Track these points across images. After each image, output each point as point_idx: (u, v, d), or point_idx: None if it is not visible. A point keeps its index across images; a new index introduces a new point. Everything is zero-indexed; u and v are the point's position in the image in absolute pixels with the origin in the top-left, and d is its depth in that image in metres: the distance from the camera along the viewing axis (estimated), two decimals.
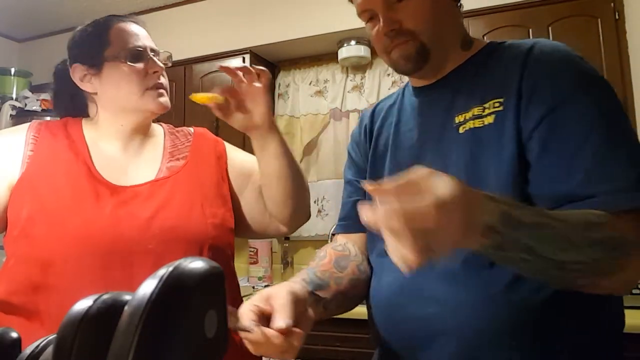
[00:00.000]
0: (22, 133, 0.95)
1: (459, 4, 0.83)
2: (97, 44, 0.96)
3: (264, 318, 0.64)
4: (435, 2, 0.78)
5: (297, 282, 0.76)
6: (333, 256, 0.89)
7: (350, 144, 1.02)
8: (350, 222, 0.95)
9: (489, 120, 0.73)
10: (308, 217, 1.09)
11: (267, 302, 0.66)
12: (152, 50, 1.00)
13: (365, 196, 0.92)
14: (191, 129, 1.11)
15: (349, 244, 0.92)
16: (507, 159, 0.70)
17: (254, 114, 0.92)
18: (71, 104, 1.03)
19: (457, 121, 0.77)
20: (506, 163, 0.70)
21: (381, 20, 0.78)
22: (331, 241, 2.76)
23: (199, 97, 0.90)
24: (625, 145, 0.66)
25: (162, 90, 0.98)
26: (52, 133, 0.96)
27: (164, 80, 0.99)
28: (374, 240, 0.88)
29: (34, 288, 0.85)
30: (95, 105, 1.00)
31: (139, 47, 0.97)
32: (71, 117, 1.03)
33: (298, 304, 0.67)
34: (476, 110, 0.75)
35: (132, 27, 1.00)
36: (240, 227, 1.05)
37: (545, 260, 0.57)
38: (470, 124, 0.75)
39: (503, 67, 0.76)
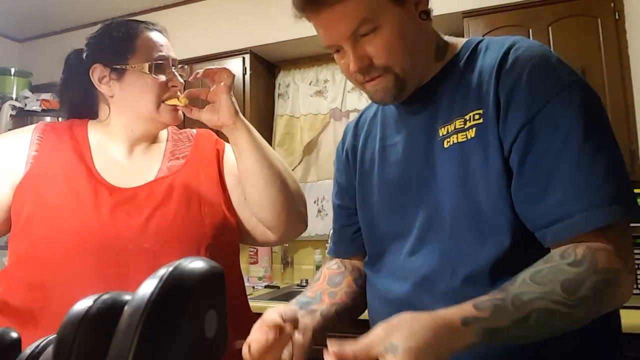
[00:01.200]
0: (27, 134, 0.97)
1: (425, 14, 0.77)
2: (123, 49, 0.97)
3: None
4: (402, 30, 0.73)
5: (283, 306, 0.79)
6: (327, 275, 0.92)
7: (335, 164, 1.00)
8: (341, 247, 0.97)
9: (471, 134, 0.71)
10: (302, 225, 1.05)
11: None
12: (174, 61, 1.01)
13: (351, 221, 0.93)
14: (194, 131, 1.12)
15: (346, 262, 0.95)
16: (494, 175, 0.69)
17: (219, 111, 0.94)
18: (79, 99, 1.02)
19: (441, 134, 0.75)
20: (494, 179, 0.69)
21: (351, 57, 0.73)
22: (330, 242, 2.76)
23: (171, 102, 0.98)
24: (601, 156, 0.64)
25: (177, 106, 0.99)
26: (57, 134, 0.97)
27: (179, 95, 1.00)
28: (373, 255, 0.87)
29: (31, 287, 0.86)
30: (108, 108, 1.00)
31: (163, 58, 0.98)
32: (75, 113, 1.03)
33: (288, 318, 0.73)
34: (458, 123, 0.73)
35: (158, 37, 1.00)
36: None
37: (540, 334, 0.60)
38: (454, 138, 0.73)
39: (479, 75, 0.73)
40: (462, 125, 0.73)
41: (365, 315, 0.91)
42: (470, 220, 0.71)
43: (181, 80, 1.00)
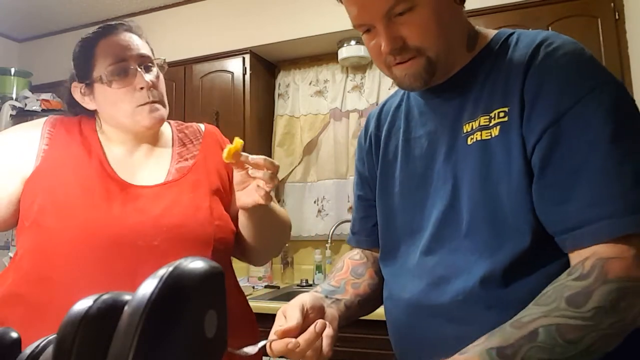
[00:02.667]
0: (38, 128, 0.97)
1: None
2: (85, 63, 0.96)
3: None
4: (439, 11, 0.70)
5: (309, 293, 0.80)
6: (350, 265, 0.92)
7: (356, 154, 0.98)
8: (362, 237, 0.96)
9: (495, 132, 0.69)
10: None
11: (282, 317, 0.73)
12: (142, 58, 0.97)
13: (371, 212, 0.92)
14: (202, 126, 1.11)
15: (367, 252, 0.95)
16: (516, 175, 0.67)
17: (256, 195, 0.87)
18: (84, 112, 1.03)
19: (465, 130, 0.74)
20: (516, 179, 0.67)
21: (383, 37, 0.71)
22: (330, 242, 2.76)
23: (227, 153, 0.82)
24: (631, 161, 0.60)
25: (154, 105, 0.96)
26: (67, 129, 0.98)
27: (154, 93, 0.96)
28: (387, 248, 0.87)
29: (40, 279, 0.86)
30: (99, 119, 1.02)
31: (123, 61, 0.94)
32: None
33: (313, 305, 0.74)
34: (482, 120, 0.71)
35: (119, 38, 0.97)
36: None
37: (570, 353, 0.57)
38: (477, 135, 0.71)
39: (507, 71, 0.71)
40: (487, 123, 0.71)
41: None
42: (488, 221, 0.69)
43: (146, 80, 0.94)
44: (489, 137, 0.70)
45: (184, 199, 0.94)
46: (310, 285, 2.67)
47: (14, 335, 0.36)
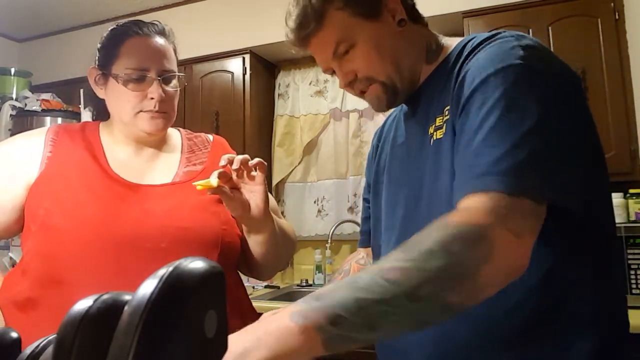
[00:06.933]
0: (41, 135, 0.98)
1: (404, 21, 0.80)
2: (108, 54, 0.96)
3: None
4: (378, 42, 0.78)
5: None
6: (356, 270, 0.95)
7: (367, 161, 1.06)
8: (365, 236, 1.01)
9: (444, 130, 0.74)
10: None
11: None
12: (164, 71, 0.97)
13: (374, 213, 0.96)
14: (210, 136, 1.12)
15: (370, 258, 0.98)
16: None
17: (252, 204, 0.90)
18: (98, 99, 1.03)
19: (429, 132, 0.78)
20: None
21: (338, 74, 0.82)
22: (330, 242, 2.77)
23: (202, 186, 0.85)
24: (514, 130, 0.61)
25: (157, 114, 0.96)
26: (70, 136, 0.98)
27: (163, 105, 0.96)
28: (373, 248, 0.91)
29: (51, 282, 0.86)
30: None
31: (144, 69, 0.94)
32: (97, 112, 1.05)
33: None
34: (438, 121, 0.76)
35: (148, 42, 0.97)
36: None
37: (409, 295, 0.52)
38: (435, 135, 0.76)
39: (458, 72, 0.74)
40: (440, 123, 0.75)
41: None
42: (442, 212, 0.68)
43: (160, 92, 0.94)
44: (442, 135, 0.74)
45: (191, 201, 0.94)
46: (310, 286, 2.67)
47: (14, 335, 0.36)
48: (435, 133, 0.76)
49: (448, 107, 0.73)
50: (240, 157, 0.87)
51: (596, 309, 0.68)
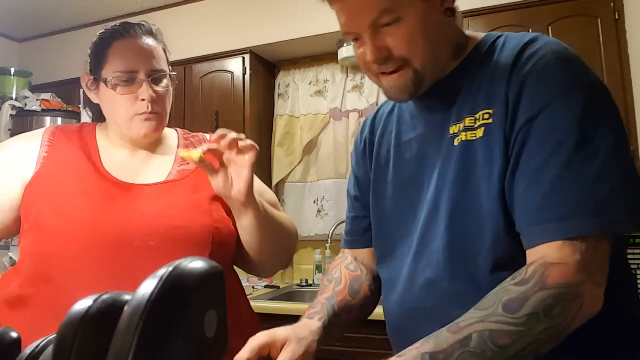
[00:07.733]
0: (38, 136, 0.99)
1: (451, 11, 0.75)
2: (97, 59, 0.97)
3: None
4: (426, 24, 0.71)
5: (313, 321, 0.81)
6: (348, 279, 0.91)
7: (353, 155, 1.00)
8: (355, 237, 0.96)
9: (480, 133, 0.70)
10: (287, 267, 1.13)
11: (271, 344, 0.73)
12: (153, 71, 0.96)
13: (366, 212, 0.92)
14: (207, 136, 1.11)
15: (359, 263, 0.95)
16: (497, 175, 0.68)
17: (234, 185, 0.88)
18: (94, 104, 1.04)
19: (451, 132, 0.75)
20: (495, 180, 0.68)
21: (368, 47, 0.72)
22: (329, 243, 2.76)
23: (185, 154, 0.88)
24: (592, 163, 0.61)
25: (151, 115, 0.96)
26: (67, 137, 0.99)
27: (155, 106, 0.96)
28: (382, 253, 0.88)
29: (41, 281, 0.87)
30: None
31: (132, 71, 0.94)
32: (95, 115, 1.06)
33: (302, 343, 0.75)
34: (468, 121, 0.73)
35: (136, 44, 0.96)
36: None
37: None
38: (463, 136, 0.73)
39: (493, 73, 0.72)
40: (472, 124, 0.72)
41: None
42: (467, 221, 0.70)
43: (151, 93, 0.94)
44: (474, 138, 0.71)
45: (183, 200, 0.94)
46: (310, 286, 2.67)
47: (14, 335, 0.36)
48: (463, 134, 0.73)
49: (488, 111, 0.70)
50: (234, 135, 0.87)
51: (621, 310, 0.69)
